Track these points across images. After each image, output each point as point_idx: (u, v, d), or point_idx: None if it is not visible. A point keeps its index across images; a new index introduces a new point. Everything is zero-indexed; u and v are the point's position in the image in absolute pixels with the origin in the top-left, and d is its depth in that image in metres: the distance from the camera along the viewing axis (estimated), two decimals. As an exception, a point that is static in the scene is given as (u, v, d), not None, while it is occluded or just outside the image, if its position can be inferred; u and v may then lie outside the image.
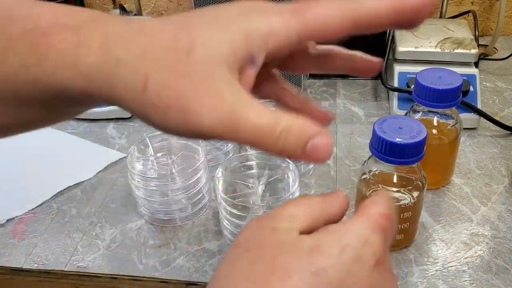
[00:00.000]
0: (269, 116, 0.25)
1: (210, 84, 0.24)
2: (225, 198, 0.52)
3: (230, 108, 0.24)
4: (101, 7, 1.04)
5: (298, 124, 0.26)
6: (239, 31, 0.25)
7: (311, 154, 0.26)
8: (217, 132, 0.24)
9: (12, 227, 0.59)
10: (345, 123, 0.74)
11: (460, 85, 0.53)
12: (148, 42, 0.25)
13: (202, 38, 0.25)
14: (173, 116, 0.25)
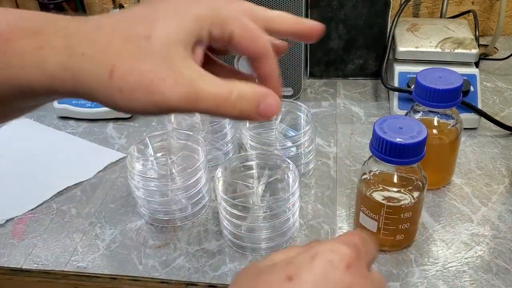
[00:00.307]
0: (224, 85, 0.29)
1: (169, 63, 0.27)
2: (225, 198, 0.52)
3: (190, 82, 0.28)
4: (101, 7, 1.04)
5: (250, 88, 0.30)
6: (191, 16, 0.29)
7: (264, 113, 0.30)
8: (181, 105, 0.28)
9: (11, 227, 0.59)
10: (345, 123, 0.74)
11: (461, 85, 0.53)
12: (109, 36, 0.28)
13: (159, 25, 0.28)
14: (139, 96, 0.28)
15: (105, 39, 0.28)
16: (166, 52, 0.28)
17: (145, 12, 0.30)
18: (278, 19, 0.34)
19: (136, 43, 0.28)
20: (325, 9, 0.78)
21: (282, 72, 0.76)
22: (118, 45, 0.28)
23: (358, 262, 0.28)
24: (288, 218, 0.53)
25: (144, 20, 0.29)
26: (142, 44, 0.28)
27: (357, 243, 0.30)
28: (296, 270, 0.27)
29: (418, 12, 0.95)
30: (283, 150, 0.61)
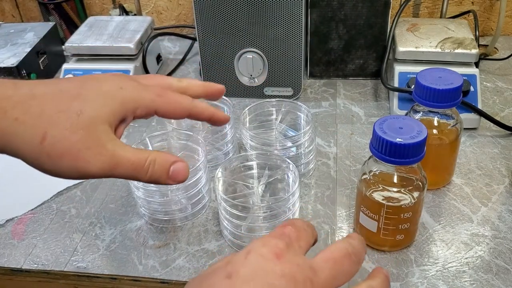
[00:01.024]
0: (140, 153, 0.34)
1: (96, 137, 0.32)
2: (225, 199, 0.52)
3: (111, 153, 0.33)
4: (101, 7, 1.04)
5: (161, 156, 0.35)
6: (118, 100, 0.34)
7: (174, 177, 0.35)
8: (101, 172, 0.33)
9: (11, 228, 0.59)
10: (345, 123, 0.74)
11: (461, 85, 0.53)
12: (43, 106, 0.32)
13: (89, 104, 0.33)
14: (65, 163, 0.33)
15: (40, 108, 0.32)
16: (93, 127, 0.32)
17: (79, 89, 0.34)
18: (190, 87, 0.41)
19: (68, 116, 0.32)
20: (325, 9, 0.78)
21: (282, 72, 0.77)
22: (51, 115, 0.32)
23: (289, 251, 0.31)
24: (288, 218, 0.53)
25: (77, 97, 0.33)
26: (73, 118, 0.32)
27: (289, 233, 0.33)
28: (234, 268, 0.30)
29: (418, 12, 0.95)
30: (283, 150, 0.61)
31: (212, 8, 0.72)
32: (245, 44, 0.75)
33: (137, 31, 0.81)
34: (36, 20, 1.07)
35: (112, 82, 0.36)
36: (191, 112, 0.39)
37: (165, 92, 0.38)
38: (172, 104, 0.37)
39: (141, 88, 0.36)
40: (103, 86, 0.35)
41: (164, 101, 0.37)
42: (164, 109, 0.37)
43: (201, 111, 0.40)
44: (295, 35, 0.73)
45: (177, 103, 0.38)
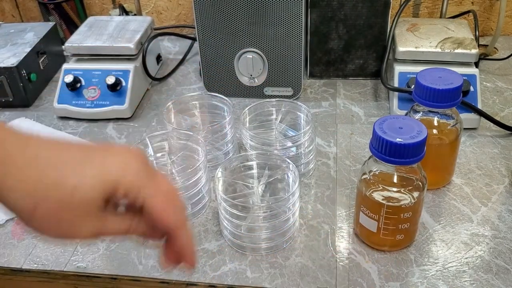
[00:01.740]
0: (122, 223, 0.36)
1: (83, 214, 0.33)
2: (225, 198, 0.52)
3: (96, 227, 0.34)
4: (101, 7, 1.04)
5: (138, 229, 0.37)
6: (112, 184, 0.34)
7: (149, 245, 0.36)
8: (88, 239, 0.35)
9: (11, 228, 0.59)
10: (345, 123, 0.74)
11: (461, 85, 0.53)
12: (40, 175, 0.33)
13: (86, 182, 0.33)
14: (53, 234, 0.34)
15: (37, 178, 0.33)
16: (84, 208, 0.33)
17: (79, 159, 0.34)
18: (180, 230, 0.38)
19: (61, 193, 0.33)
20: (325, 9, 0.78)
21: (282, 72, 0.77)
22: (45, 188, 0.33)
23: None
24: (288, 218, 0.53)
25: (77, 170, 0.33)
26: (67, 195, 0.33)
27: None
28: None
29: (418, 12, 0.95)
30: (283, 150, 0.61)
31: (212, 8, 0.72)
32: (245, 44, 0.75)
33: (137, 31, 0.81)
34: (36, 20, 1.07)
35: (117, 160, 0.35)
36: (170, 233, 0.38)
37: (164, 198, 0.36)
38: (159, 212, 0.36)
39: (143, 175, 0.35)
40: (108, 163, 0.34)
41: (154, 205, 0.35)
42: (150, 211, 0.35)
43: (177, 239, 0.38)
44: (295, 35, 0.73)
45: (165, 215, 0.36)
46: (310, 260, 0.53)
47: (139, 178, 0.35)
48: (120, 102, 0.76)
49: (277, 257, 0.54)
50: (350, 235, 0.56)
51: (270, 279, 0.51)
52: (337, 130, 0.72)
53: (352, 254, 0.54)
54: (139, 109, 0.80)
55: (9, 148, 0.34)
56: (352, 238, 0.55)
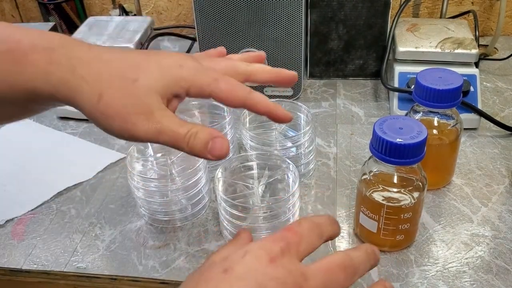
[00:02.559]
0: (183, 126, 0.36)
1: (145, 105, 0.35)
2: (225, 199, 0.52)
3: (157, 121, 0.35)
4: (101, 7, 1.04)
5: (203, 131, 0.36)
6: (173, 76, 0.36)
7: (211, 151, 0.35)
8: (147, 136, 0.35)
9: (11, 228, 0.59)
10: (345, 123, 0.74)
11: (461, 85, 0.53)
12: (105, 69, 0.36)
13: (146, 74, 0.36)
14: (116, 123, 0.35)
15: (102, 71, 0.36)
16: (145, 96, 0.35)
17: (141, 60, 0.37)
18: (257, 73, 0.42)
19: (124, 82, 0.35)
20: (325, 9, 0.78)
21: (282, 73, 0.76)
22: (109, 79, 0.35)
23: (283, 256, 0.34)
24: (288, 218, 0.53)
25: (137, 67, 0.36)
26: (129, 84, 0.35)
27: (288, 238, 0.35)
28: (230, 264, 0.33)
29: (418, 12, 0.95)
30: (283, 150, 0.61)
31: (212, 8, 0.72)
32: (245, 44, 0.75)
33: (137, 31, 0.81)
34: (36, 20, 1.07)
35: (173, 59, 0.38)
36: (246, 103, 0.38)
37: (223, 78, 0.38)
38: (226, 91, 0.37)
39: (200, 70, 0.38)
40: (163, 61, 0.37)
41: (219, 87, 0.37)
42: (218, 95, 0.37)
43: (256, 103, 0.38)
44: (295, 35, 0.73)
45: (233, 91, 0.38)
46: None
47: (197, 73, 0.37)
48: (120, 103, 0.76)
49: (277, 258, 0.54)
50: (350, 235, 0.56)
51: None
52: (337, 130, 0.72)
53: (352, 254, 0.53)
54: (139, 109, 0.80)
55: (75, 49, 0.37)
56: (352, 239, 0.55)
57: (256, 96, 0.38)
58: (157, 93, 0.35)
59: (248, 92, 0.38)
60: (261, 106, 0.38)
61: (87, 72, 0.35)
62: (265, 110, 0.39)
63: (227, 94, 0.37)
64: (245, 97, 0.38)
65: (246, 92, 0.38)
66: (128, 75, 0.36)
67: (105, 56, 0.37)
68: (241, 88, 0.38)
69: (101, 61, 0.36)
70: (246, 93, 0.38)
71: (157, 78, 0.36)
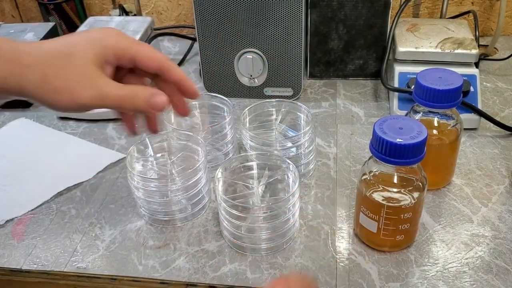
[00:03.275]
0: (125, 88, 0.41)
1: (85, 74, 0.40)
2: (225, 199, 0.52)
3: (99, 87, 0.40)
4: (101, 7, 1.04)
5: (143, 90, 0.42)
6: (101, 45, 0.41)
7: (154, 107, 0.41)
8: (93, 102, 0.40)
9: (11, 228, 0.59)
10: (345, 123, 0.74)
11: (461, 85, 0.53)
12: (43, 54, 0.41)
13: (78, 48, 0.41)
14: (64, 97, 0.40)
15: (42, 56, 0.40)
16: (83, 66, 0.40)
17: (71, 38, 0.42)
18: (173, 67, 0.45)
19: (62, 59, 0.40)
20: (325, 9, 0.78)
21: (282, 73, 0.77)
22: (49, 60, 0.40)
23: None
24: (288, 218, 0.53)
25: (70, 45, 0.41)
26: (66, 60, 0.40)
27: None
28: None
29: (418, 12, 0.95)
30: (283, 150, 0.61)
31: (212, 8, 0.72)
32: (245, 44, 0.75)
33: (137, 32, 0.81)
34: (36, 20, 1.07)
35: (100, 32, 0.43)
36: (163, 66, 0.43)
37: (144, 43, 0.44)
38: (146, 53, 0.42)
39: (124, 37, 0.43)
40: (91, 35, 0.42)
41: (140, 49, 0.42)
42: (139, 55, 0.42)
43: (171, 69, 0.43)
44: (295, 35, 0.73)
45: (153, 54, 0.43)
46: (310, 261, 0.53)
47: (121, 38, 0.42)
48: (120, 103, 0.76)
49: (277, 258, 0.54)
50: (350, 235, 0.56)
51: (270, 280, 0.51)
52: (337, 130, 0.72)
53: (352, 254, 0.54)
54: (139, 109, 0.80)
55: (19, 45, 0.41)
56: (352, 239, 0.55)
57: (172, 64, 0.44)
58: (92, 62, 0.40)
59: (166, 59, 0.43)
60: (174, 73, 0.43)
61: (30, 61, 0.40)
62: (177, 78, 0.44)
63: (148, 55, 0.42)
64: (163, 61, 0.43)
65: (164, 57, 0.43)
66: (64, 52, 0.40)
67: (44, 45, 0.42)
68: (160, 53, 0.44)
69: (40, 49, 0.41)
70: (164, 58, 0.43)
71: (88, 50, 0.40)
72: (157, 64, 0.43)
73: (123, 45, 0.42)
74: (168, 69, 0.43)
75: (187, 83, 0.45)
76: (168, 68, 0.43)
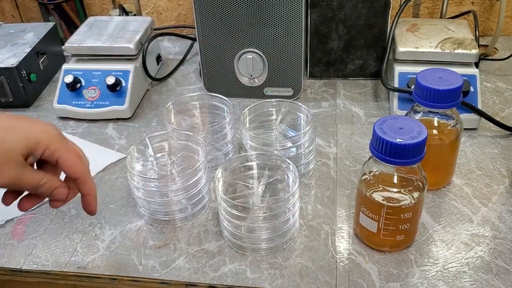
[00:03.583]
0: (36, 176, 0.45)
1: (9, 161, 0.43)
2: (225, 199, 0.52)
3: (17, 173, 0.44)
4: (101, 7, 1.04)
5: (51, 182, 0.46)
6: (34, 142, 0.44)
7: (55, 196, 0.47)
8: (8, 184, 0.44)
9: (11, 228, 0.59)
10: (345, 123, 0.74)
11: (461, 85, 0.53)
12: None
13: (13, 136, 0.43)
14: None
15: None
16: (10, 155, 0.43)
17: (12, 124, 0.44)
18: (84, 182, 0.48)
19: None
20: (325, 9, 0.78)
21: (282, 72, 0.77)
22: None
23: None
24: (288, 218, 0.53)
25: (6, 129, 0.43)
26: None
27: None
28: None
29: (418, 12, 0.95)
30: (283, 150, 0.61)
31: (212, 8, 0.72)
32: (245, 44, 0.75)
33: (137, 31, 0.81)
34: (36, 20, 1.07)
35: (40, 126, 0.45)
36: (81, 180, 0.47)
37: (74, 151, 0.47)
38: (71, 162, 0.46)
39: (60, 139, 0.46)
40: (31, 126, 0.45)
41: (67, 158, 0.46)
42: (64, 162, 0.46)
43: (86, 185, 0.48)
44: (295, 35, 0.73)
45: (76, 166, 0.47)
46: (310, 261, 0.53)
47: (56, 140, 0.46)
48: (120, 103, 0.76)
49: (277, 258, 0.54)
50: (350, 235, 0.56)
51: (270, 280, 0.51)
52: (337, 130, 0.72)
53: (352, 254, 0.54)
54: (139, 109, 0.80)
55: None
56: (352, 239, 0.55)
57: (90, 181, 0.48)
58: (18, 152, 0.43)
59: (86, 172, 0.48)
60: (86, 189, 0.48)
61: None
62: (86, 193, 0.48)
63: (71, 166, 0.46)
64: (82, 174, 0.47)
65: (85, 171, 0.48)
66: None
67: None
68: (84, 167, 0.48)
69: None
70: (85, 172, 0.47)
71: (20, 140, 0.43)
72: (76, 176, 0.47)
73: (55, 148, 0.45)
74: (84, 185, 0.48)
75: (91, 201, 0.49)
76: (84, 184, 0.48)
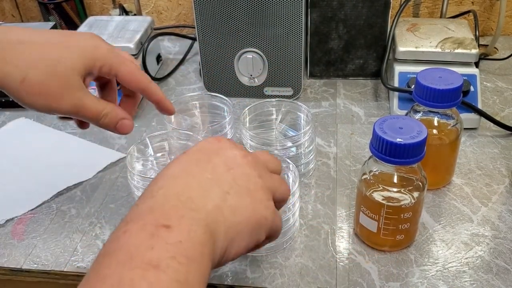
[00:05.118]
0: (100, 104, 0.43)
1: (68, 84, 0.40)
2: (225, 199, 0.52)
3: (78, 99, 0.41)
4: (101, 7, 1.04)
5: (114, 111, 0.44)
6: (92, 56, 0.42)
7: (119, 129, 0.46)
8: (69, 112, 0.42)
9: (11, 228, 0.59)
10: (345, 123, 0.74)
11: (461, 85, 0.53)
12: (29, 51, 0.40)
13: (66, 54, 0.41)
14: (40, 101, 0.40)
15: (25, 53, 0.40)
16: (68, 76, 0.40)
17: (61, 41, 0.42)
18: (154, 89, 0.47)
19: (48, 63, 0.40)
20: (325, 9, 0.78)
21: (282, 72, 0.77)
22: (33, 61, 0.40)
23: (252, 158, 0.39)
24: (288, 218, 0.53)
25: (58, 48, 0.41)
26: (52, 66, 0.40)
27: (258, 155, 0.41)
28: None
29: (418, 12, 0.95)
30: (283, 150, 0.61)
31: (212, 8, 0.72)
32: (245, 44, 0.75)
33: (137, 31, 0.81)
34: (36, 20, 1.07)
35: (90, 41, 0.43)
36: (145, 89, 0.45)
37: (131, 64, 0.45)
38: (130, 75, 0.44)
39: (112, 52, 0.44)
40: (82, 42, 0.42)
41: (127, 70, 0.44)
42: (124, 76, 0.44)
43: (152, 92, 0.46)
44: (295, 35, 0.73)
45: (136, 76, 0.44)
46: (310, 260, 0.53)
47: (111, 54, 0.43)
48: (120, 102, 0.76)
49: (277, 257, 0.54)
50: (350, 235, 0.56)
51: (270, 279, 0.51)
52: (337, 130, 0.72)
53: (352, 254, 0.54)
54: (139, 109, 0.80)
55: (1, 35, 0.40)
56: (352, 238, 0.55)
57: (154, 87, 0.46)
58: (77, 74, 0.40)
59: (149, 81, 0.45)
60: (156, 95, 0.46)
61: (13, 56, 0.40)
62: (157, 99, 0.47)
63: (131, 77, 0.44)
64: (145, 84, 0.45)
65: (148, 80, 0.45)
66: (51, 57, 0.40)
67: (25, 38, 0.41)
68: (144, 75, 0.45)
69: (23, 42, 0.40)
70: (148, 81, 0.45)
71: (77, 59, 0.41)
72: (141, 86, 0.45)
73: (111, 62, 0.43)
74: (151, 93, 0.46)
75: (165, 103, 0.48)
76: (150, 92, 0.46)
